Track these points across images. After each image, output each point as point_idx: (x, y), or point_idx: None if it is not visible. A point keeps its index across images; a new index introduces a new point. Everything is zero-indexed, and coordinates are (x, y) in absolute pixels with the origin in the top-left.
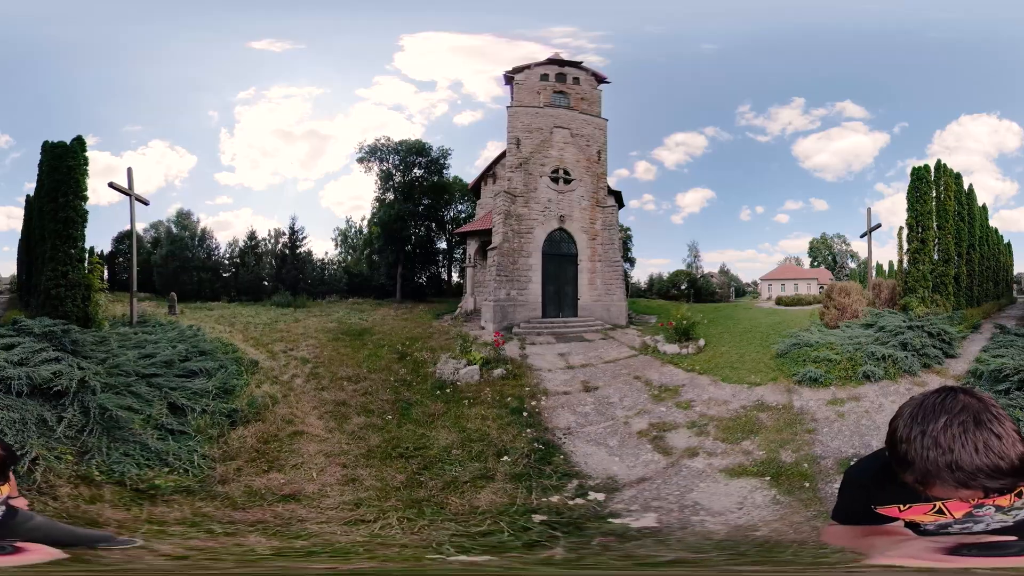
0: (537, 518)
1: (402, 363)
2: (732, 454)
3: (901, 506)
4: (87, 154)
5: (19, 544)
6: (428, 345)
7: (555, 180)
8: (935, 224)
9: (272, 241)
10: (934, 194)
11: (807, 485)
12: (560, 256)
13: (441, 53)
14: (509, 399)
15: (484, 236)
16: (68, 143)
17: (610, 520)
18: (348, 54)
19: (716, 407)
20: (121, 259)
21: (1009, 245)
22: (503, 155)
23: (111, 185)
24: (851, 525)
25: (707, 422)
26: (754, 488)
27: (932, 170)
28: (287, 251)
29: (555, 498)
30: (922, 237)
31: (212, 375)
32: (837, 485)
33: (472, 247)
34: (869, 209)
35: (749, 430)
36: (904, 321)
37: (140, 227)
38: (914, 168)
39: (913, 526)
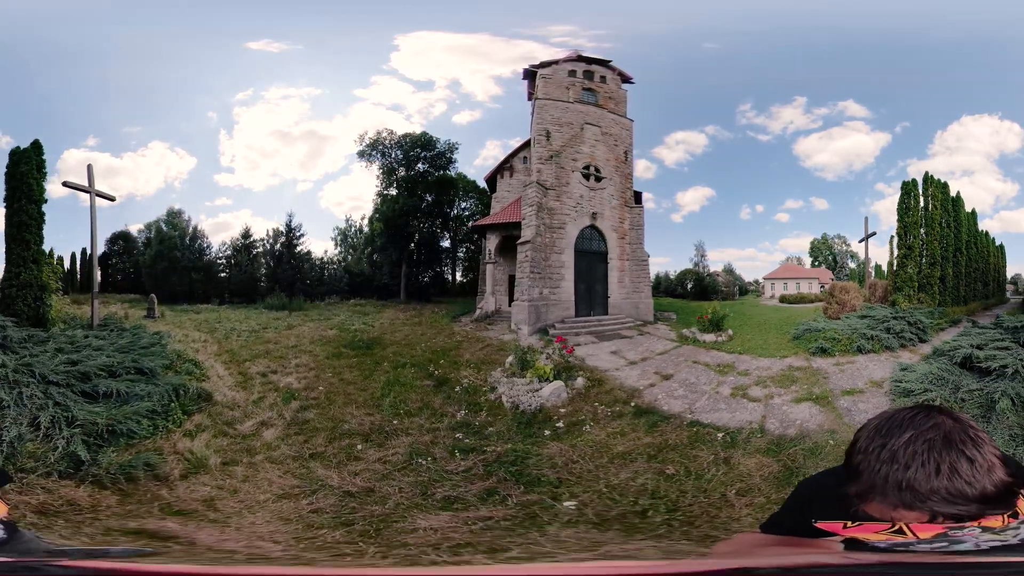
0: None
1: (444, 392)
2: (789, 393)
3: (848, 523)
4: (44, 158)
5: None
6: (465, 359)
7: (587, 177)
8: (922, 231)
9: (270, 241)
10: (921, 204)
11: (829, 400)
12: (590, 253)
13: (437, 53)
14: (632, 407)
15: (505, 230)
16: (25, 148)
17: (796, 440)
18: (344, 54)
19: (764, 371)
20: (115, 260)
21: (1002, 247)
22: (520, 148)
23: (66, 184)
24: (775, 536)
25: (765, 380)
26: (810, 407)
27: (920, 183)
28: (283, 249)
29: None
30: (909, 244)
31: (126, 402)
32: (843, 403)
33: (493, 242)
34: (867, 219)
35: (791, 381)
36: (891, 313)
37: (135, 228)
38: (903, 183)
39: (855, 544)
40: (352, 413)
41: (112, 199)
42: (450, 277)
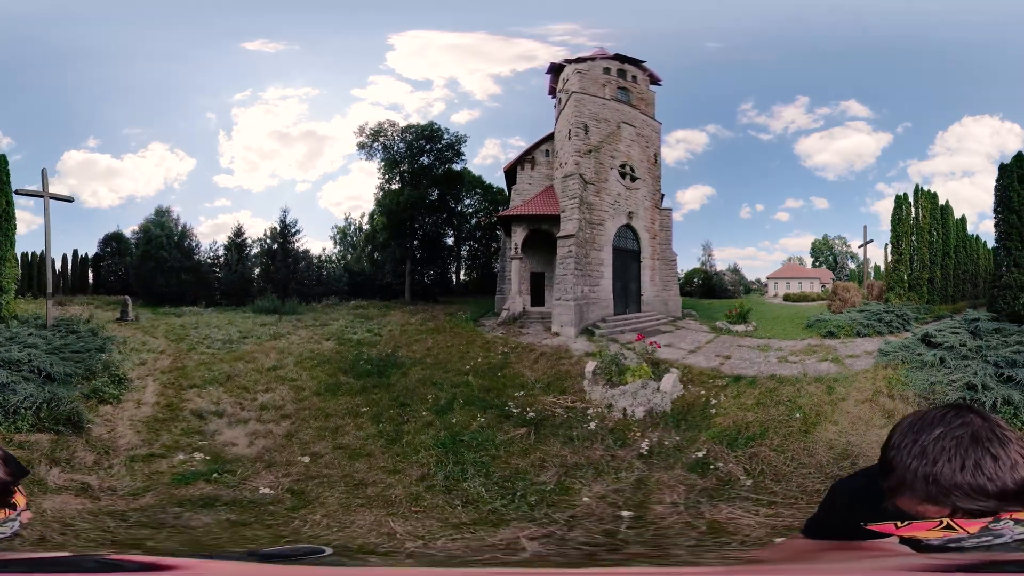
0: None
1: (554, 434)
2: (814, 358)
3: (898, 523)
4: (8, 169)
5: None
6: (532, 380)
7: (623, 176)
8: (913, 239)
9: (267, 241)
10: (913, 214)
11: (840, 360)
12: (625, 252)
13: (434, 52)
14: (728, 378)
15: (534, 223)
16: None
17: (827, 376)
18: (341, 54)
19: (792, 348)
20: (109, 261)
21: (994, 250)
22: (542, 141)
23: (18, 192)
24: (826, 540)
25: (796, 352)
26: (828, 364)
27: (912, 195)
28: (277, 246)
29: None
30: (901, 251)
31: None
32: (848, 361)
33: (519, 235)
34: (865, 227)
35: (813, 352)
36: (884, 308)
37: (129, 230)
38: (896, 196)
39: (913, 543)
40: None
41: (70, 200)
42: (454, 276)
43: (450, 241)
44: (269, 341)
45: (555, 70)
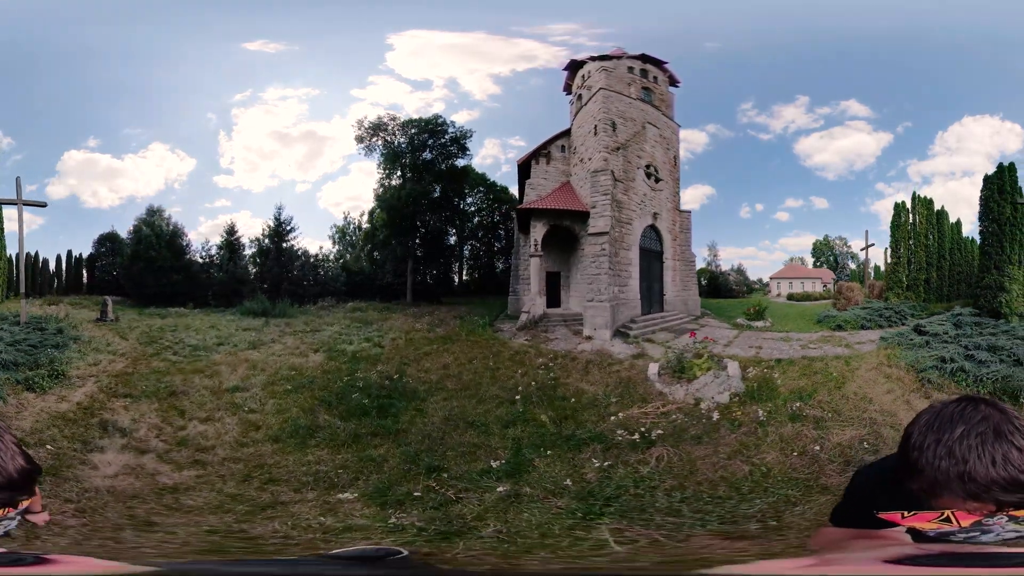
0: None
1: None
2: (829, 344)
3: (905, 512)
4: None
5: (49, 556)
6: (599, 396)
7: (648, 176)
8: (911, 243)
9: (263, 241)
10: (911, 219)
11: (849, 345)
12: (649, 252)
13: (433, 52)
14: (771, 362)
15: (555, 218)
16: None
17: (842, 355)
18: (340, 54)
19: (809, 338)
20: (103, 261)
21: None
22: (558, 136)
23: None
24: (847, 528)
25: (814, 341)
26: (842, 348)
27: (909, 202)
28: (271, 244)
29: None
30: (899, 254)
31: None
32: (856, 346)
33: (539, 231)
34: (867, 232)
35: (827, 340)
36: (884, 306)
37: (126, 230)
38: (895, 204)
39: (915, 533)
40: None
41: (43, 205)
42: (456, 276)
43: (452, 240)
44: (245, 350)
45: (573, 67)
